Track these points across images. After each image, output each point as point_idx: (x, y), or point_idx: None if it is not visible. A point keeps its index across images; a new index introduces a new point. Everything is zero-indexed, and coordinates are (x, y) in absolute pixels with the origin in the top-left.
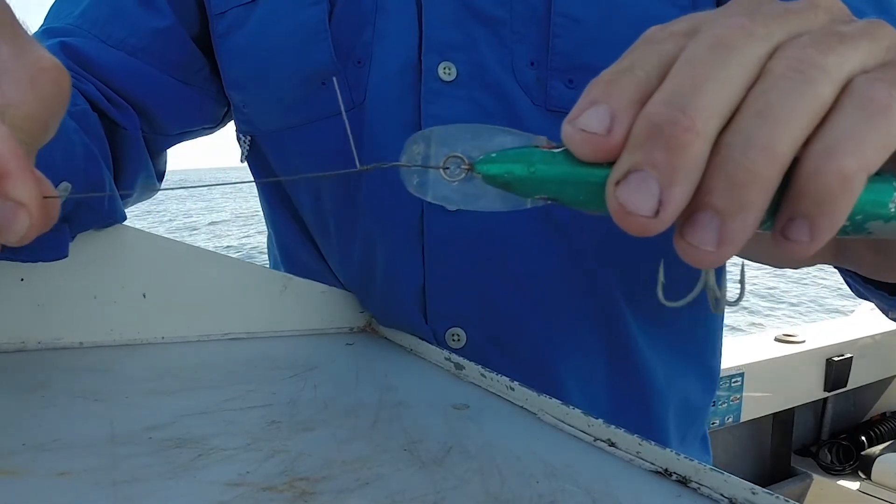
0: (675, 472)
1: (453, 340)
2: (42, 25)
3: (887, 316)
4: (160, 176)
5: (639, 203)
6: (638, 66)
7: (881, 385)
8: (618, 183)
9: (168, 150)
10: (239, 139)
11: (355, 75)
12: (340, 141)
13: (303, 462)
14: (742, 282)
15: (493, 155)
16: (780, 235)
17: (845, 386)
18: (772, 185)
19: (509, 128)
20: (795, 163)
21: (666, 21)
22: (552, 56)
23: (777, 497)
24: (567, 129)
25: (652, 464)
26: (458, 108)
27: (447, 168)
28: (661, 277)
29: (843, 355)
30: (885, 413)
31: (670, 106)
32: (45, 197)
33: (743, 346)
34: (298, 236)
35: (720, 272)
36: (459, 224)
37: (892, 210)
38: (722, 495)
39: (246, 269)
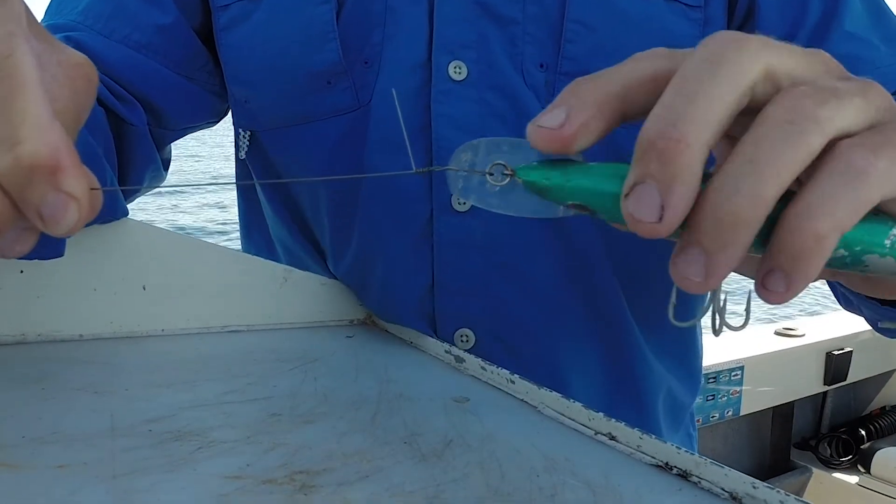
0: (675, 466)
1: (462, 341)
2: (42, 21)
3: (876, 328)
4: (165, 164)
5: (644, 211)
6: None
7: (881, 379)
8: (626, 196)
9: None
10: (238, 134)
11: (362, 76)
12: (344, 139)
13: (303, 455)
14: (748, 309)
15: (534, 163)
16: (760, 285)
17: (845, 380)
18: (755, 226)
19: None
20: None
21: (678, 34)
22: (562, 60)
23: (777, 491)
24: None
25: (652, 458)
26: (467, 108)
27: (492, 174)
28: (674, 299)
29: (842, 349)
30: (884, 407)
31: (662, 121)
32: (92, 189)
33: (743, 339)
34: (298, 235)
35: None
36: (468, 226)
37: (888, 247)
38: (722, 489)
39: (246, 262)
